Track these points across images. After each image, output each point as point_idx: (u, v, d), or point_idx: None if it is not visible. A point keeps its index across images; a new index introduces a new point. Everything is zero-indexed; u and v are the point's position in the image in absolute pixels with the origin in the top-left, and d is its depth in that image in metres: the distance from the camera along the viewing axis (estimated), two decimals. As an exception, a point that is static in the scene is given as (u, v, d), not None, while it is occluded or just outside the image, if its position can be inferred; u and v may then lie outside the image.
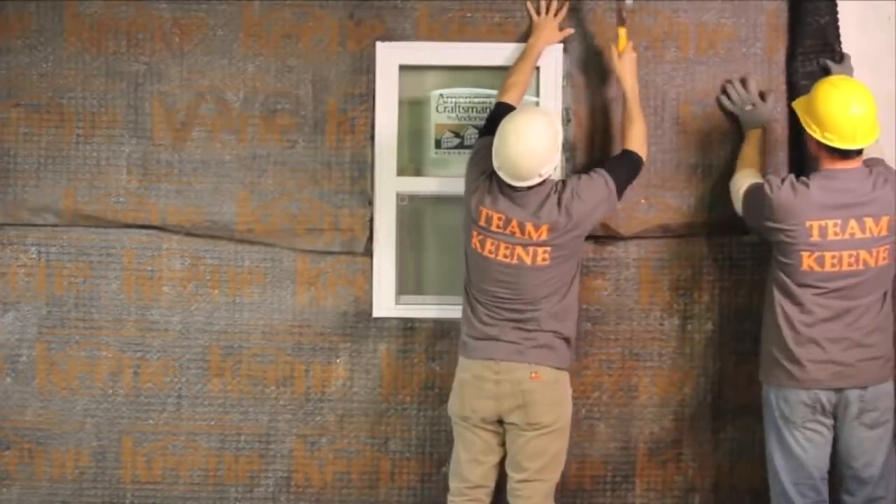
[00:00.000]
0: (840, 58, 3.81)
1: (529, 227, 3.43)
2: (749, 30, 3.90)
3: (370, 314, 3.93)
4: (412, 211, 4.01)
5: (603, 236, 3.85)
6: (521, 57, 3.78)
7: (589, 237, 3.70)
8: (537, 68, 3.87)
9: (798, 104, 3.51)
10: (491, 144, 3.47)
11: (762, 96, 3.84)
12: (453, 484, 3.61)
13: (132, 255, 3.94)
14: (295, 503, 3.97)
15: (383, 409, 3.95)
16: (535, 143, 3.36)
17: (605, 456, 3.95)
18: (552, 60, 3.87)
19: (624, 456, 3.94)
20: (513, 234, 3.44)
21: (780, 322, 3.45)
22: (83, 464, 3.97)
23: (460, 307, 3.65)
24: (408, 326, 3.94)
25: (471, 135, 3.96)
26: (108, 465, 3.97)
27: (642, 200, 3.88)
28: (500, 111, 3.60)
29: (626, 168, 3.60)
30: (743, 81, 3.85)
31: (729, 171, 3.86)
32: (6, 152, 3.93)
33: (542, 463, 3.50)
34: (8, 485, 3.99)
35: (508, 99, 3.68)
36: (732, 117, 3.87)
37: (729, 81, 3.87)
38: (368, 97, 3.90)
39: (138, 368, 3.95)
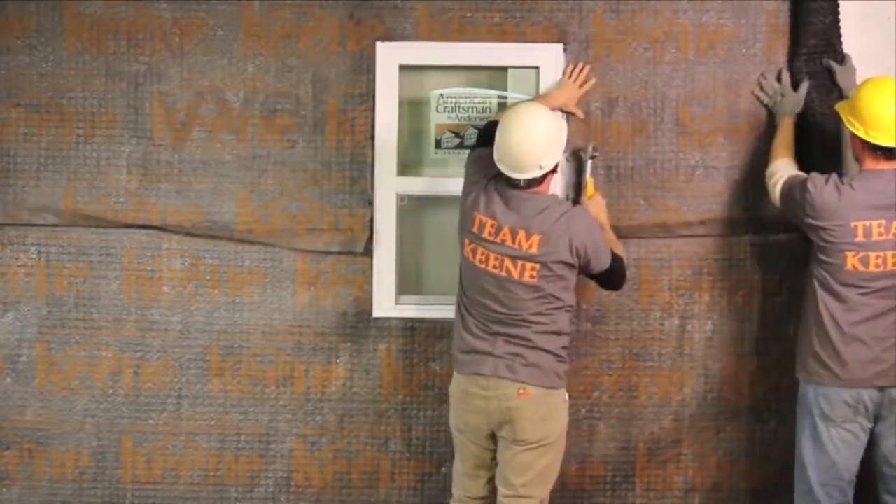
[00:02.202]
0: (842, 58, 3.82)
1: (521, 234, 3.33)
2: (749, 30, 3.91)
3: (370, 314, 3.93)
4: (412, 211, 4.01)
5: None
6: (535, 99, 3.70)
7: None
8: (537, 68, 3.89)
9: (841, 106, 3.53)
10: (486, 153, 3.42)
11: (794, 86, 3.85)
12: (454, 492, 3.60)
13: (132, 255, 3.94)
14: (295, 503, 3.97)
15: (383, 409, 3.95)
16: (536, 132, 3.30)
17: (605, 456, 3.95)
18: (552, 61, 3.87)
19: (624, 456, 3.95)
20: (503, 242, 3.35)
21: (824, 321, 3.45)
22: (83, 464, 3.97)
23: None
24: (408, 326, 3.94)
25: (471, 135, 3.97)
26: (108, 465, 3.97)
27: (642, 201, 3.89)
28: (491, 127, 3.49)
29: (614, 259, 3.48)
30: (778, 75, 3.86)
31: (728, 172, 3.89)
32: (6, 152, 3.94)
33: (528, 478, 3.41)
34: (8, 485, 3.99)
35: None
36: (732, 118, 3.89)
37: (763, 75, 3.88)
38: (368, 97, 3.91)
39: (138, 368, 3.95)
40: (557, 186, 3.81)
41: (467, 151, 3.90)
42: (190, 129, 3.92)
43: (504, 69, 3.94)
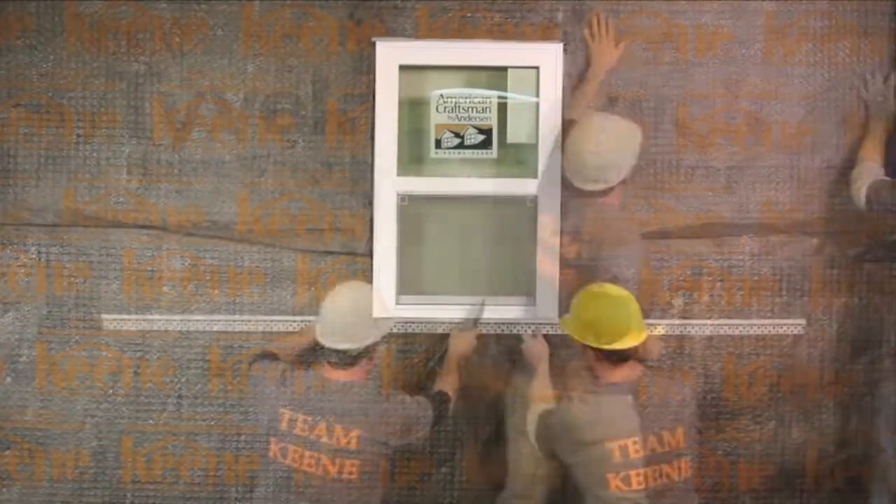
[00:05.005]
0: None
1: None
2: (747, 31, 3.92)
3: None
4: (412, 211, 4.02)
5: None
6: (582, 85, 3.79)
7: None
8: (537, 68, 3.90)
9: None
10: None
11: None
12: None
13: (132, 255, 3.94)
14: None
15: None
16: (610, 141, 3.42)
17: (605, 456, 3.95)
18: (552, 61, 3.88)
19: (624, 456, 3.95)
20: None
21: None
22: (83, 464, 3.97)
23: (460, 307, 3.65)
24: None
25: (470, 134, 3.97)
26: (108, 465, 3.97)
27: (641, 202, 3.89)
28: None
29: None
30: (886, 77, 3.85)
31: (727, 172, 3.89)
32: (6, 152, 3.93)
33: None
34: (8, 485, 3.98)
35: None
36: (731, 118, 3.90)
37: (871, 74, 3.87)
38: (368, 97, 3.91)
39: (138, 368, 3.95)
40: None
41: (467, 151, 3.92)
42: (190, 129, 3.93)
43: (504, 69, 3.94)
